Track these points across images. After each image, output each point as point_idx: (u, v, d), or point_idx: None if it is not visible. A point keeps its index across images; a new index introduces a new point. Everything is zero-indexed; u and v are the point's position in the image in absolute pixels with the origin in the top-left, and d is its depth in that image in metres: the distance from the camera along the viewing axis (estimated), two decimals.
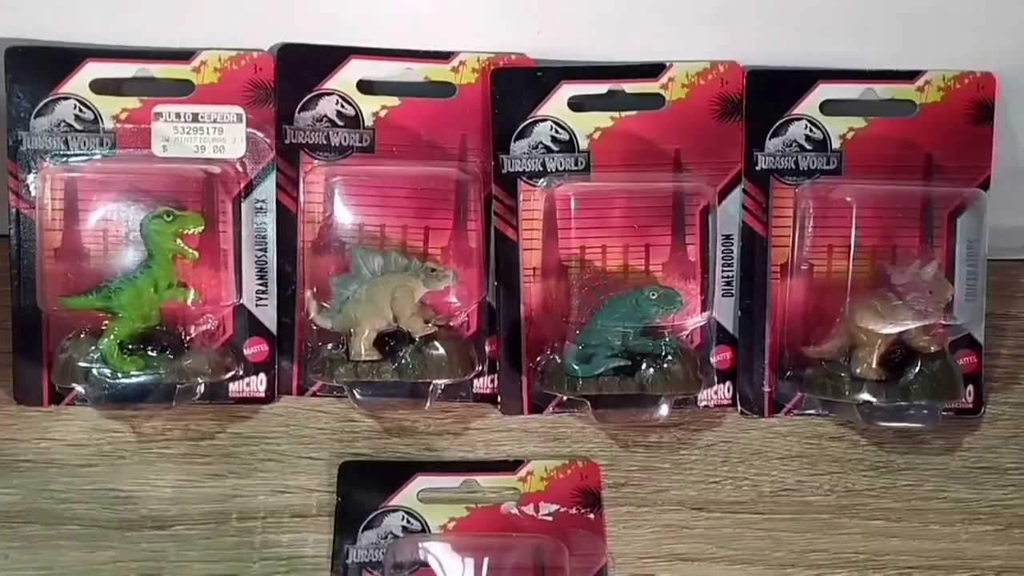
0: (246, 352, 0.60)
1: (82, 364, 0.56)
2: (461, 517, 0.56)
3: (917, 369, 0.58)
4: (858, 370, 0.58)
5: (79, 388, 0.58)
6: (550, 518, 0.57)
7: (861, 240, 0.60)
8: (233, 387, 0.60)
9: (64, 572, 0.54)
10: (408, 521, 0.56)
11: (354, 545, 0.55)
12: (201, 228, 0.58)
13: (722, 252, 0.61)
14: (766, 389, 0.62)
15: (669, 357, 0.58)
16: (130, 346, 0.57)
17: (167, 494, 0.57)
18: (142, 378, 0.57)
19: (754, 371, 0.62)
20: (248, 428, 0.60)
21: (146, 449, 0.59)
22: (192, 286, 0.58)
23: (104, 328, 0.57)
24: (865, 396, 0.58)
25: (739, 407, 0.62)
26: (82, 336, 0.58)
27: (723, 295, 0.61)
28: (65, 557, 0.55)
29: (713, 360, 0.62)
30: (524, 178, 0.60)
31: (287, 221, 0.60)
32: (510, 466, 0.58)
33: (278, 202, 0.60)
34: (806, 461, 0.60)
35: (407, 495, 0.57)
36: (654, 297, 0.58)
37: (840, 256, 0.61)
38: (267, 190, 0.60)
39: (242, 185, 0.60)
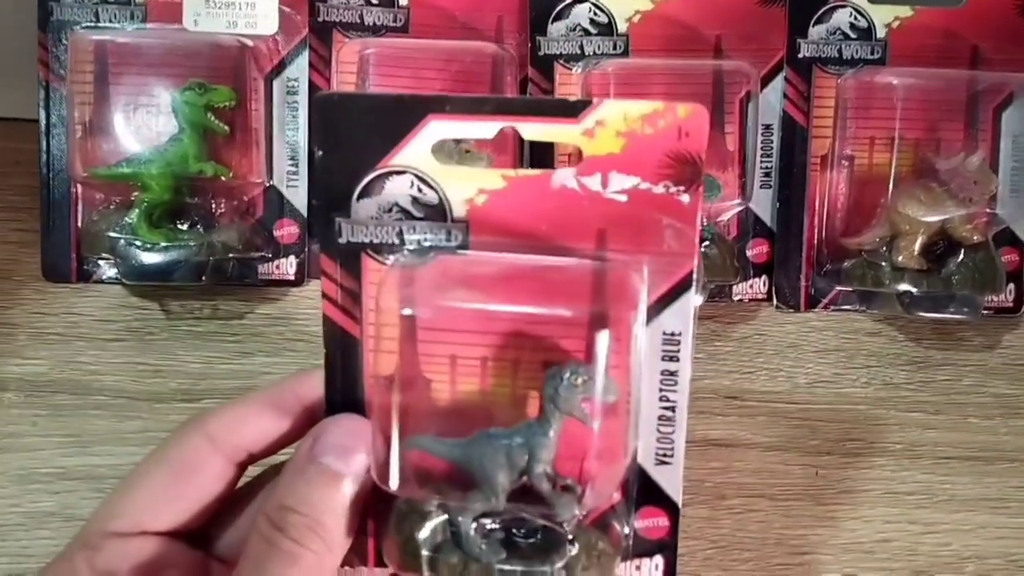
0: (276, 234, 0.60)
1: (111, 235, 0.56)
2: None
3: (959, 259, 0.57)
4: (899, 259, 0.57)
5: (106, 266, 0.57)
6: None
7: (904, 132, 0.59)
8: (263, 269, 0.60)
9: (92, 440, 0.54)
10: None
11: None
12: (233, 103, 0.57)
13: (761, 142, 0.60)
14: (803, 283, 0.61)
15: (707, 242, 0.57)
16: (159, 218, 0.56)
17: (196, 369, 0.57)
18: (172, 252, 0.56)
19: (791, 264, 0.61)
20: (277, 309, 0.59)
21: (175, 326, 0.58)
22: (223, 163, 0.57)
23: (133, 200, 0.56)
24: (905, 286, 0.57)
25: (775, 301, 0.61)
26: (112, 208, 0.57)
27: (761, 186, 0.60)
28: (93, 426, 0.55)
29: (750, 253, 0.60)
30: (561, 61, 0.59)
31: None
32: None
33: (311, 81, 0.59)
34: (843, 355, 0.59)
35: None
36: None
37: (881, 148, 0.60)
38: (299, 69, 0.59)
39: (274, 63, 0.59)
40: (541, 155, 0.59)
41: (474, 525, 0.37)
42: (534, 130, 0.37)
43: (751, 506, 0.56)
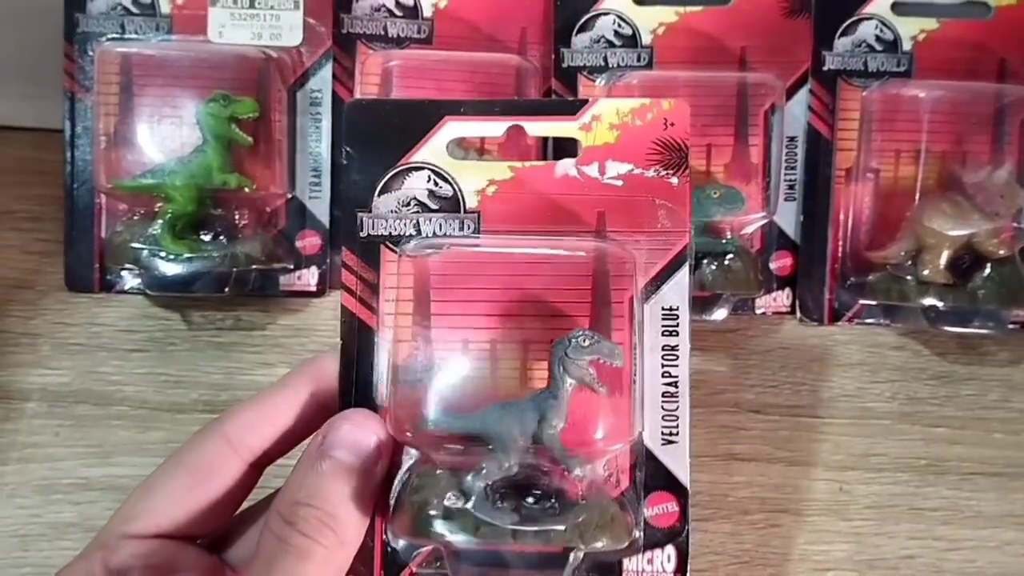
0: (298, 244, 0.60)
1: (135, 246, 0.56)
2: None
3: (985, 274, 0.56)
4: (925, 272, 0.56)
5: (128, 277, 0.58)
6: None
7: (930, 145, 0.58)
8: (284, 280, 0.60)
9: (114, 450, 0.54)
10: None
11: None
12: (256, 114, 0.57)
13: (786, 155, 0.60)
14: (827, 296, 0.60)
15: (730, 255, 0.57)
16: (182, 230, 0.56)
17: (217, 380, 0.57)
18: (195, 263, 0.56)
19: (815, 277, 0.60)
20: (299, 321, 0.59)
21: (197, 337, 0.58)
22: (246, 174, 0.57)
23: (157, 211, 0.56)
24: (931, 300, 0.56)
25: (798, 314, 0.60)
26: (136, 219, 0.57)
27: (785, 199, 0.60)
28: (115, 436, 0.55)
29: (773, 266, 0.60)
30: (585, 73, 0.59)
31: (343, 112, 0.59)
32: None
33: (334, 93, 0.59)
34: (867, 369, 0.59)
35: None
36: (716, 196, 0.57)
37: (907, 161, 0.59)
38: (323, 80, 0.59)
39: (298, 75, 0.59)
40: None
41: (487, 488, 0.37)
42: (539, 127, 0.42)
43: (774, 521, 0.55)
